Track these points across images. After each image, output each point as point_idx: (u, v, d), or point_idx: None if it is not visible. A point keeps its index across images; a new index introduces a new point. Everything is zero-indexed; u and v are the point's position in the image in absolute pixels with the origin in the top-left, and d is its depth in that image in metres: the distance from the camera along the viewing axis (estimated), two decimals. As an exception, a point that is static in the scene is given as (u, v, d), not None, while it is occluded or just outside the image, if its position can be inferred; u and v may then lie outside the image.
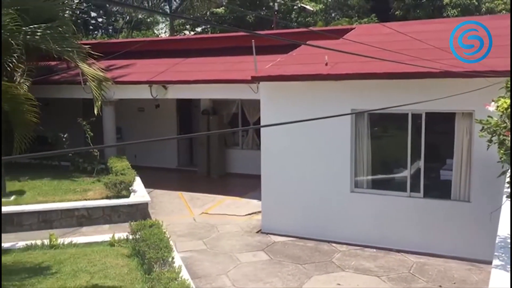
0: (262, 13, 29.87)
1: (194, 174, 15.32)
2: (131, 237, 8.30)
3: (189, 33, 33.21)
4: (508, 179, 4.25)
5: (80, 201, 10.46)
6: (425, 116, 8.56)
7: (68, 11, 13.05)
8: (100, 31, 37.28)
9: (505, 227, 4.14)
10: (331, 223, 9.30)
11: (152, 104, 15.56)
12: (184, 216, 11.15)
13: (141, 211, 10.52)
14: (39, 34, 9.54)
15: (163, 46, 16.46)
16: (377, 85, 8.69)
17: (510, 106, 3.98)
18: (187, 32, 33.40)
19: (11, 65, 11.53)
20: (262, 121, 10.01)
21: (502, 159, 4.07)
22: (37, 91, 11.55)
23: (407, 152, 8.79)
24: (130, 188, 10.94)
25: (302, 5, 27.65)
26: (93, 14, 36.17)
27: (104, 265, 7.34)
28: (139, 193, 11.09)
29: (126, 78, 13.23)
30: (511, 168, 4.11)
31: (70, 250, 8.09)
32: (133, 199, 10.71)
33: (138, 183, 11.63)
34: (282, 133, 9.51)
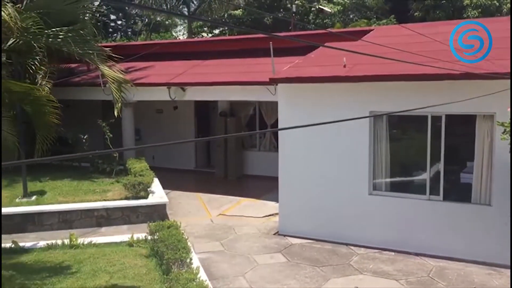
0: (280, 15, 29.85)
1: (212, 175, 15.39)
2: (149, 237, 8.40)
3: (207, 35, 33.37)
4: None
5: (100, 201, 10.63)
6: (445, 118, 8.45)
7: (88, 14, 13.22)
8: (119, 33, 37.76)
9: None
10: (349, 225, 9.24)
11: (170, 105, 15.68)
12: (201, 217, 11.21)
13: (159, 212, 10.63)
14: (61, 37, 9.68)
15: (181, 48, 16.60)
16: (396, 87, 8.61)
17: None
18: (204, 34, 33.57)
19: (33, 67, 11.73)
20: (280, 123, 10.01)
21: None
22: (58, 93, 11.73)
23: (426, 155, 8.68)
24: (149, 189, 11.05)
25: (320, 6, 27.53)
26: (112, 17, 36.68)
27: (123, 265, 7.43)
28: (157, 194, 11.20)
29: (145, 80, 13.36)
30: None
31: (89, 250, 8.21)
32: (151, 200, 10.82)
33: (156, 184, 11.73)
34: (299, 135, 9.50)
